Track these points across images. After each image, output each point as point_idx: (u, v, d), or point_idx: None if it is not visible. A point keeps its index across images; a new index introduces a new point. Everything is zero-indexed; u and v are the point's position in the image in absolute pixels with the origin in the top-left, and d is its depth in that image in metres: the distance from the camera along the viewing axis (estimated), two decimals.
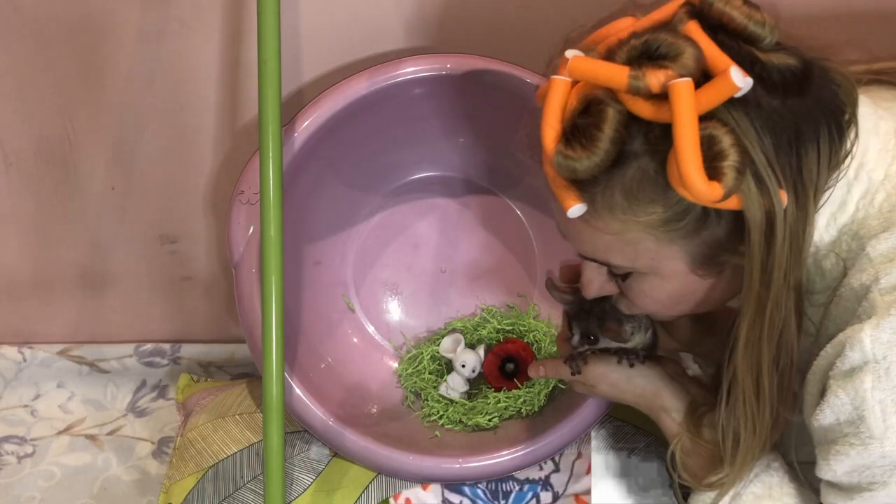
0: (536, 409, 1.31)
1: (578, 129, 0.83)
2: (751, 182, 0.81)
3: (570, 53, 0.85)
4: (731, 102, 0.80)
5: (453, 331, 1.39)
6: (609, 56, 0.84)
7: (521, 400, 1.32)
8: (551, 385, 1.33)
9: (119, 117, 1.33)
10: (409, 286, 1.42)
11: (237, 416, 1.31)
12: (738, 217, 0.84)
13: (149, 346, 1.52)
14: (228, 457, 1.26)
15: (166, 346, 1.52)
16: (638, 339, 1.04)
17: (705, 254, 0.87)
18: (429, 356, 1.37)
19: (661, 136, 0.81)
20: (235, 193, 1.24)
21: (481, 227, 1.41)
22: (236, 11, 1.25)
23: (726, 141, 0.80)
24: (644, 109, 0.81)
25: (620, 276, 0.93)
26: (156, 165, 1.37)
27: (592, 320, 1.03)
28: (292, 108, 1.25)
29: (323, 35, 1.27)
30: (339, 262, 1.39)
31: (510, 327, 1.38)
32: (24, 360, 1.51)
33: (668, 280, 0.90)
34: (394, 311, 1.42)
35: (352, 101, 1.22)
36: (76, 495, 1.37)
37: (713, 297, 0.93)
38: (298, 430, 1.28)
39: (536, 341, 1.37)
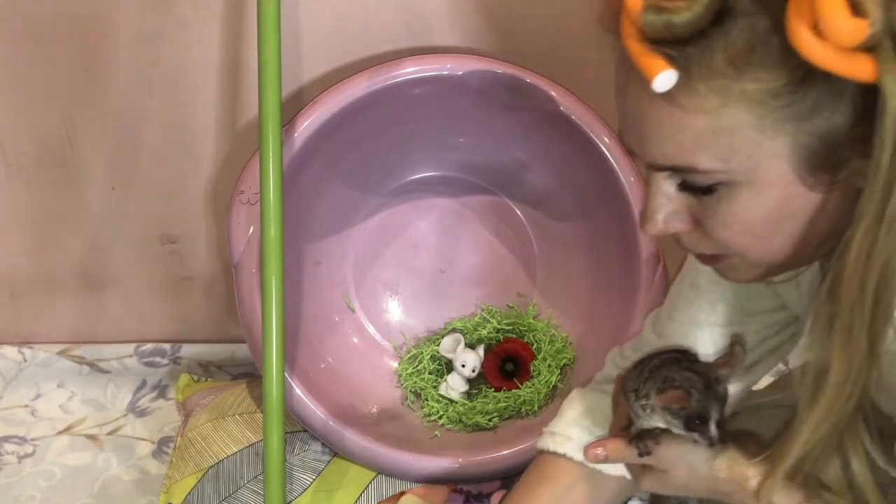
0: (536, 409, 1.31)
1: None
2: (890, 45, 0.65)
3: None
4: None
5: (453, 331, 1.39)
6: None
7: (521, 400, 1.32)
8: (551, 385, 1.33)
9: (119, 117, 1.33)
10: (409, 286, 1.42)
11: (237, 416, 1.31)
12: (864, 99, 0.67)
13: (149, 346, 1.52)
14: (228, 456, 1.26)
15: (166, 346, 1.52)
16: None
17: (818, 149, 0.70)
18: (429, 356, 1.37)
19: None
20: (235, 193, 1.24)
21: (481, 227, 1.41)
22: (236, 11, 1.25)
23: None
24: None
25: (700, 193, 0.74)
26: (156, 165, 1.37)
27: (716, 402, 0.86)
28: (292, 108, 1.25)
29: (323, 35, 1.27)
30: (339, 262, 1.39)
31: (510, 327, 1.38)
32: (25, 360, 1.51)
33: (766, 191, 0.72)
34: (394, 311, 1.42)
35: (352, 101, 1.22)
36: (76, 495, 1.37)
37: (812, 230, 0.74)
38: (298, 430, 1.28)
39: (536, 341, 1.37)
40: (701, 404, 0.86)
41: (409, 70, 1.22)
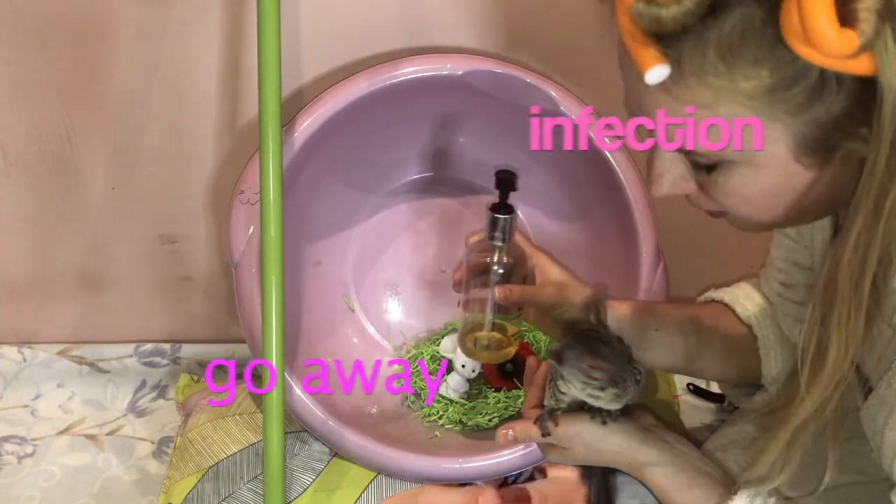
0: None
1: None
2: (889, 36, 0.63)
3: None
4: None
5: (453, 331, 1.39)
6: None
7: (521, 400, 1.32)
8: None
9: (119, 117, 1.33)
10: (409, 286, 1.42)
11: (237, 416, 1.31)
12: (862, 88, 0.66)
13: (149, 346, 1.52)
14: (228, 457, 1.26)
15: (166, 346, 1.52)
16: (617, 405, 0.93)
17: (815, 135, 0.70)
18: (429, 356, 1.37)
19: None
20: (235, 193, 1.24)
21: (481, 227, 1.40)
22: (236, 11, 1.25)
23: None
24: None
25: (704, 168, 0.76)
26: (156, 165, 1.37)
27: (579, 346, 0.91)
28: (292, 108, 1.25)
29: (323, 35, 1.27)
30: (339, 262, 1.39)
31: None
32: (24, 360, 1.51)
33: (764, 170, 0.73)
34: (394, 311, 1.42)
35: (352, 101, 1.22)
36: (76, 495, 1.37)
37: (813, 198, 0.75)
38: (298, 430, 1.28)
39: (536, 341, 1.37)
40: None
41: (409, 70, 1.22)
